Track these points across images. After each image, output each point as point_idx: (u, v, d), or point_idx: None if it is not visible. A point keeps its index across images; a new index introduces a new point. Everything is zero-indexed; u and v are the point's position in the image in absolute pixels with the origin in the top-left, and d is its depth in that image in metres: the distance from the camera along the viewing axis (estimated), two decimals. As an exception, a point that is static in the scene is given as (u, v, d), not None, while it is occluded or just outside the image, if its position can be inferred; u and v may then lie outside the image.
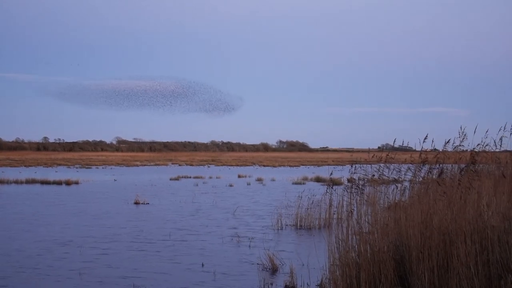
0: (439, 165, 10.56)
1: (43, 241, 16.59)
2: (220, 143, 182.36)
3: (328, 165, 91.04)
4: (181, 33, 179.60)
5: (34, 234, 17.90)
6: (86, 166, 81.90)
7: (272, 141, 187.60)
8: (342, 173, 16.62)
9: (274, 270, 12.49)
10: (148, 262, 13.62)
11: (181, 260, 13.87)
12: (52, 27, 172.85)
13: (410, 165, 11.35)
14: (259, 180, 48.56)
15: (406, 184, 11.03)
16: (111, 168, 77.80)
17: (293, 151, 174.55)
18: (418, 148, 10.77)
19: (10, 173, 57.33)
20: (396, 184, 10.85)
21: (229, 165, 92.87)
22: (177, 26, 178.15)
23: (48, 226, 19.78)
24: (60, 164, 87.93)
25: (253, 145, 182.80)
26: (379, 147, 12.25)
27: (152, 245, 16.00)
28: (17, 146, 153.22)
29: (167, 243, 16.25)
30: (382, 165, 11.16)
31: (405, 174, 11.14)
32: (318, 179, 47.24)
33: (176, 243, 16.25)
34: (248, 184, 44.08)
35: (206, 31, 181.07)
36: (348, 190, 10.70)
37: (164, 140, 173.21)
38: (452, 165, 11.03)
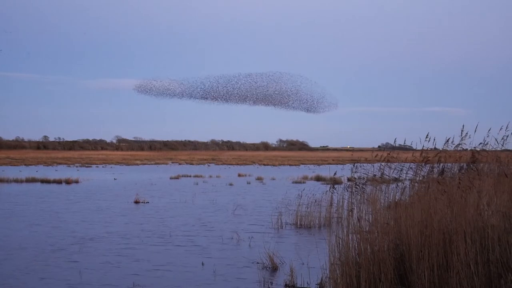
0: (440, 164, 10.55)
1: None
2: (220, 142, 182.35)
3: (328, 164, 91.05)
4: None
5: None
6: (86, 165, 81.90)
7: (272, 140, 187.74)
8: (343, 172, 16.65)
9: (274, 269, 12.48)
10: (147, 261, 13.61)
11: (181, 259, 13.87)
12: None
13: (411, 164, 11.34)
14: (259, 179, 48.56)
15: (407, 183, 11.02)
16: (111, 167, 77.81)
17: (293, 150, 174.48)
18: (419, 147, 10.77)
19: (10, 172, 57.32)
20: (397, 183, 10.84)
21: (229, 164, 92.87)
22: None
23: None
24: (60, 163, 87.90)
25: (253, 144, 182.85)
26: (379, 146, 12.25)
27: (151, 244, 15.99)
28: (17, 145, 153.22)
29: (167, 242, 16.24)
30: (382, 164, 11.15)
31: (405, 173, 11.14)
32: (318, 178, 47.25)
33: (176, 242, 16.24)
34: (248, 183, 44.07)
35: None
36: (348, 189, 10.70)
37: (165, 139, 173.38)
38: (452, 164, 11.02)
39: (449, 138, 10.42)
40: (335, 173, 14.30)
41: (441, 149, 10.67)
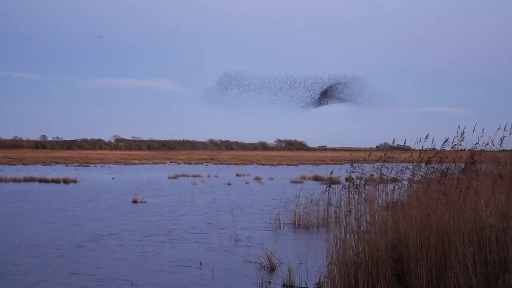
0: (441, 164, 10.56)
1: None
2: (218, 142, 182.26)
3: (327, 164, 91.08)
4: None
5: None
6: (85, 165, 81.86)
7: (271, 140, 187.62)
8: (341, 172, 16.70)
9: (272, 269, 12.48)
10: (145, 260, 13.61)
11: (179, 258, 13.85)
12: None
13: (409, 164, 11.34)
14: (258, 179, 48.55)
15: (405, 183, 11.02)
16: (109, 167, 77.76)
17: (292, 150, 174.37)
18: (417, 147, 10.77)
19: (8, 171, 57.27)
20: (395, 183, 10.84)
21: (227, 164, 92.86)
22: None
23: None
24: (58, 163, 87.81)
25: (252, 144, 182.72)
26: (377, 146, 12.26)
27: (149, 243, 15.98)
28: (15, 144, 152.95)
29: (164, 242, 16.23)
30: (381, 164, 11.15)
31: (403, 173, 11.14)
32: (316, 178, 47.24)
33: (174, 242, 16.23)
34: (247, 183, 44.07)
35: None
36: (346, 189, 10.70)
37: (163, 139, 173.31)
38: (450, 164, 11.02)
39: (447, 138, 10.43)
40: (331, 172, 14.33)
41: (439, 149, 10.67)
